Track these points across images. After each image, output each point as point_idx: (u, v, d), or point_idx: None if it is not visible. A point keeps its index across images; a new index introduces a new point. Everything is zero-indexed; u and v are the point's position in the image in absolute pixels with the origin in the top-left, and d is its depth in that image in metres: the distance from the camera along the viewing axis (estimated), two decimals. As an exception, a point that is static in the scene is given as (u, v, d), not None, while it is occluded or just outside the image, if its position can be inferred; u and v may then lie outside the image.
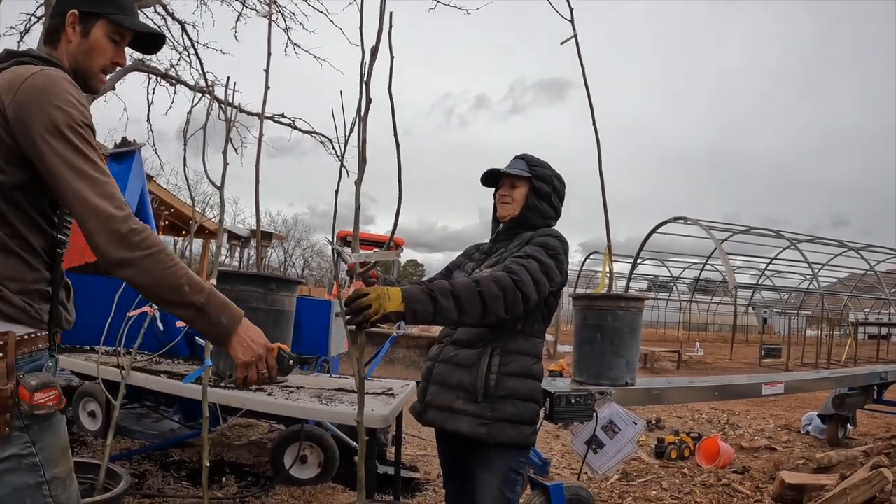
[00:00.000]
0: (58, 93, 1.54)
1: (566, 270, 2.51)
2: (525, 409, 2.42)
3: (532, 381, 2.47)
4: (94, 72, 1.76)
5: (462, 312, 2.15)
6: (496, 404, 2.38)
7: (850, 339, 23.05)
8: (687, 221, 16.78)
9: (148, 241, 1.53)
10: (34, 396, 1.54)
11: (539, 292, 2.33)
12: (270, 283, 3.56)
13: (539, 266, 2.35)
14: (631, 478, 5.51)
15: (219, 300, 1.63)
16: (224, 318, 1.63)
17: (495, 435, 2.36)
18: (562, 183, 2.75)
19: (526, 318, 2.45)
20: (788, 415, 9.37)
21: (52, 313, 1.69)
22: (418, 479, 4.99)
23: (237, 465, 4.90)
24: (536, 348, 2.53)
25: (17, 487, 1.55)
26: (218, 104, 4.68)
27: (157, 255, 1.54)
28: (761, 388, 4.86)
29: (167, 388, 3.37)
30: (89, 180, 1.51)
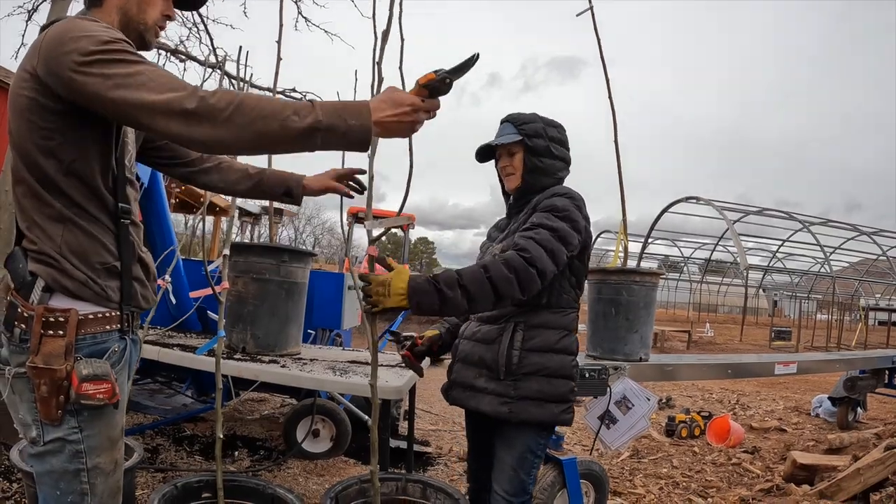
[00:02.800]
0: (73, 29, 1.44)
1: (585, 227, 2.34)
2: (552, 385, 2.31)
3: (561, 356, 2.34)
4: (149, 24, 1.68)
5: (473, 301, 2.03)
6: (520, 382, 2.29)
7: (861, 323, 22.96)
8: (699, 201, 16.67)
9: (225, 98, 1.38)
10: (83, 386, 1.47)
11: (556, 261, 2.18)
12: (283, 255, 3.53)
13: (550, 233, 2.20)
14: (642, 455, 5.51)
15: (332, 106, 1.43)
16: (352, 119, 1.43)
17: (518, 413, 2.27)
18: (557, 128, 2.52)
19: (550, 289, 2.33)
20: (798, 397, 9.34)
21: (123, 290, 1.61)
22: (430, 453, 5.01)
23: (249, 439, 4.93)
24: (565, 320, 2.39)
25: (55, 470, 1.51)
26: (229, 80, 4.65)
27: (242, 105, 1.38)
28: (774, 367, 4.84)
29: (180, 361, 3.37)
30: (138, 86, 1.38)
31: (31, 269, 1.50)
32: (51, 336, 1.47)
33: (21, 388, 1.49)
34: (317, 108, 1.40)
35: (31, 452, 1.54)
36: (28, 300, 1.48)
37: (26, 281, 1.50)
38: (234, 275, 3.49)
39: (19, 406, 1.52)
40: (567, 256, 2.25)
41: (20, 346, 1.48)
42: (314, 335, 5.00)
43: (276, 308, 3.54)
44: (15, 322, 1.48)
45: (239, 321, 3.56)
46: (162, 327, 4.34)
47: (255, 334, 3.52)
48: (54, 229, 1.50)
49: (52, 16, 4.50)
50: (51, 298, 1.50)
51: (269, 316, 3.52)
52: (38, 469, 1.53)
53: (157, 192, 4.24)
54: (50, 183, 1.49)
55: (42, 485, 1.53)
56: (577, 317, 2.48)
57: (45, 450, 1.50)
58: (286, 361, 3.43)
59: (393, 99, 1.48)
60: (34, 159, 1.49)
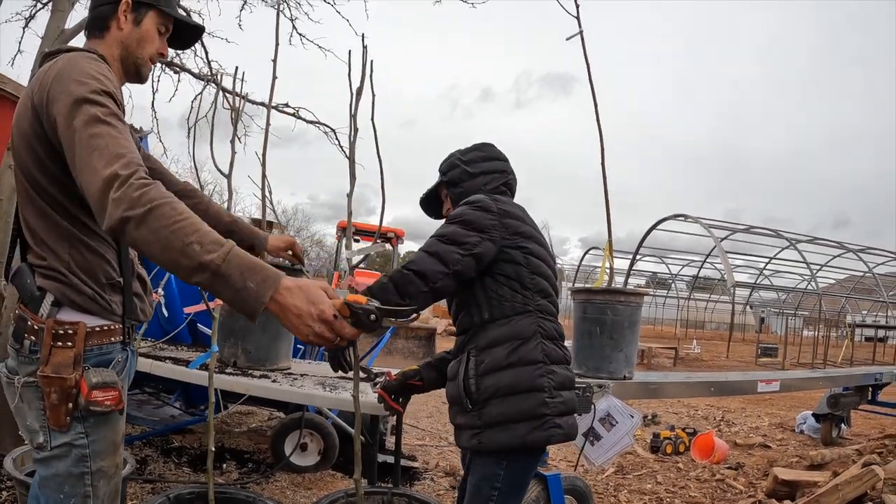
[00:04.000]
0: (74, 70, 1.54)
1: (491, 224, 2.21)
2: (510, 404, 2.16)
3: (513, 370, 2.18)
4: (144, 59, 1.81)
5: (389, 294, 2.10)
6: (483, 409, 2.18)
7: (847, 340, 23.12)
8: (687, 219, 16.81)
9: (151, 194, 1.33)
10: (92, 393, 1.55)
11: (442, 260, 2.14)
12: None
13: (435, 239, 2.20)
14: (626, 471, 5.58)
15: (243, 259, 1.32)
16: (251, 281, 1.30)
17: (487, 443, 2.17)
18: (475, 149, 2.53)
19: (489, 302, 2.25)
20: (783, 413, 9.43)
21: (125, 305, 1.71)
22: (417, 468, 5.06)
23: (237, 452, 4.96)
24: (513, 329, 2.22)
25: (60, 474, 1.58)
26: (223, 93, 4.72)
27: (161, 207, 1.31)
28: (756, 385, 4.92)
29: (172, 374, 3.41)
30: (97, 151, 1.39)
31: (39, 285, 1.60)
32: (60, 347, 1.56)
33: (30, 396, 1.57)
34: (225, 252, 1.31)
35: (37, 457, 1.61)
36: (37, 314, 1.57)
37: (35, 296, 1.59)
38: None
39: (27, 413, 1.59)
40: (464, 255, 2.16)
41: (29, 357, 1.57)
42: (303, 350, 5.05)
43: (266, 323, 3.59)
44: (25, 334, 1.57)
45: (230, 336, 3.61)
46: (153, 339, 4.38)
47: (247, 349, 3.58)
48: (62, 247, 1.59)
49: (51, 26, 4.54)
50: (59, 312, 1.59)
51: (260, 331, 3.58)
52: (43, 473, 1.60)
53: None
54: (57, 204, 1.59)
55: (46, 489, 1.60)
56: (537, 320, 2.25)
57: (52, 454, 1.57)
58: (277, 376, 3.48)
59: (310, 295, 1.34)
60: (40, 184, 1.59)
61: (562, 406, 2.20)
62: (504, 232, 2.24)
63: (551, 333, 2.28)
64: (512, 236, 2.25)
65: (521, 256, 2.25)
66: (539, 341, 2.22)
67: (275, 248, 2.49)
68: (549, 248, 2.45)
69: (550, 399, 2.17)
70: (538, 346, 2.21)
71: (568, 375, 2.29)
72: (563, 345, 2.35)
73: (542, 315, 2.28)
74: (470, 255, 2.17)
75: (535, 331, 2.23)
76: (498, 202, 2.29)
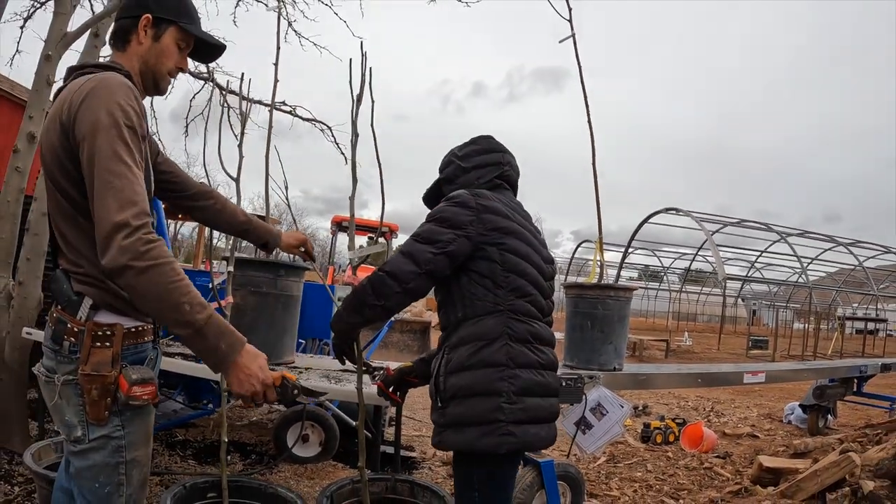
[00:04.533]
0: (105, 96, 1.61)
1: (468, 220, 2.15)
2: (467, 406, 2.09)
3: (473, 372, 2.11)
4: (163, 73, 1.89)
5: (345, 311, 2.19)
6: (446, 409, 2.14)
7: (837, 333, 23.37)
8: (679, 212, 16.95)
9: (155, 252, 1.52)
10: (132, 389, 1.68)
11: (415, 260, 2.10)
12: (280, 269, 3.73)
13: (412, 239, 2.18)
14: (618, 460, 5.74)
15: (220, 324, 1.59)
16: (223, 343, 1.59)
17: (443, 442, 2.15)
18: (469, 143, 2.51)
19: (462, 300, 2.19)
20: (772, 405, 9.61)
21: None
22: (415, 457, 5.21)
23: (240, 444, 5.10)
24: (481, 329, 2.14)
25: (97, 464, 1.71)
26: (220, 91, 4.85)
27: (163, 266, 1.52)
28: (743, 376, 5.06)
29: (183, 370, 3.54)
30: (113, 190, 1.53)
31: (76, 290, 1.72)
32: (99, 347, 1.69)
33: (68, 393, 1.70)
34: (208, 315, 1.57)
35: (74, 450, 1.73)
36: (76, 316, 1.70)
37: (72, 300, 1.71)
38: (233, 288, 3.69)
39: (66, 409, 1.71)
40: (437, 253, 2.12)
41: (69, 357, 1.69)
42: (304, 344, 5.18)
43: (272, 319, 3.73)
44: (65, 336, 1.69)
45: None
46: (161, 336, 4.51)
47: (253, 344, 3.71)
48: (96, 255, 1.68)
49: (54, 29, 4.59)
50: (97, 315, 1.71)
51: (266, 327, 3.71)
52: (79, 465, 1.72)
53: (156, 210, 4.42)
54: (88, 214, 1.67)
55: (81, 479, 1.73)
56: (507, 321, 2.16)
57: (90, 447, 1.70)
58: (282, 370, 3.62)
59: (260, 362, 1.66)
60: (70, 194, 1.70)
61: (521, 413, 2.08)
62: (481, 228, 2.16)
63: (522, 335, 2.17)
64: (489, 232, 2.17)
65: (496, 254, 2.17)
66: (505, 343, 2.13)
67: (287, 246, 2.63)
68: (543, 246, 2.39)
69: (508, 405, 2.07)
70: (503, 349, 2.12)
71: (537, 381, 2.16)
72: (540, 348, 2.23)
73: (515, 316, 2.17)
74: (443, 253, 2.12)
75: (501, 332, 2.13)
76: (478, 197, 2.21)
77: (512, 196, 2.47)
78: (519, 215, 2.33)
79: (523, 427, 2.09)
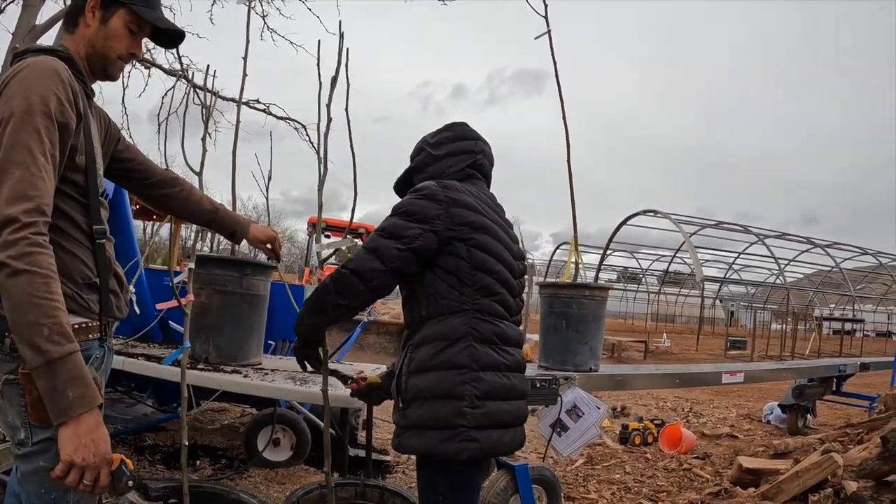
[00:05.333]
0: (30, 82, 1.52)
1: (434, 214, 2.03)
2: (427, 409, 1.99)
3: (435, 374, 2.01)
4: (111, 59, 1.77)
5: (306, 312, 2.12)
6: (407, 410, 2.04)
7: (815, 333, 23.56)
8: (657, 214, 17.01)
9: (37, 258, 1.38)
10: None
11: (380, 257, 1.99)
12: (246, 268, 3.63)
13: (376, 233, 2.06)
14: (595, 462, 5.67)
15: (78, 368, 1.41)
16: (72, 393, 1.39)
17: (403, 444, 2.04)
18: (436, 133, 2.38)
19: (427, 297, 2.08)
20: (751, 405, 9.60)
21: (101, 302, 1.72)
22: (388, 461, 5.11)
23: (211, 449, 4.97)
24: (444, 328, 2.04)
25: (42, 468, 1.58)
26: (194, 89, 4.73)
27: (38, 276, 1.38)
28: (721, 376, 5.05)
29: (145, 371, 3.43)
30: (10, 180, 1.43)
31: None
32: None
33: (10, 394, 1.58)
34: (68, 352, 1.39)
35: (18, 453, 1.62)
36: None
37: None
38: (197, 286, 3.57)
39: (9, 411, 1.60)
40: (403, 249, 2.01)
41: (10, 356, 1.56)
42: (274, 346, 5.08)
43: (238, 319, 3.62)
44: (5, 333, 1.56)
45: (202, 332, 3.64)
46: (125, 337, 4.39)
47: (218, 345, 3.61)
48: None
49: (22, 23, 4.50)
50: None
51: (231, 327, 3.61)
52: (24, 469, 1.61)
53: (122, 203, 4.28)
54: None
55: (28, 483, 1.62)
56: (471, 321, 2.05)
57: (34, 450, 1.58)
58: (248, 371, 3.52)
59: (104, 436, 1.45)
60: None
61: (483, 418, 1.98)
62: (449, 222, 2.04)
63: (487, 336, 2.06)
64: (457, 226, 2.05)
65: (463, 249, 2.05)
66: (469, 344, 2.02)
67: (255, 240, 2.48)
68: (515, 241, 2.29)
69: (470, 409, 1.97)
70: (466, 350, 2.01)
71: (502, 384, 2.06)
72: (506, 349, 2.13)
73: (480, 315, 2.07)
74: (409, 249, 2.00)
75: (465, 332, 2.03)
76: (447, 189, 2.09)
77: (484, 186, 2.36)
78: (490, 209, 2.22)
79: (486, 432, 1.99)
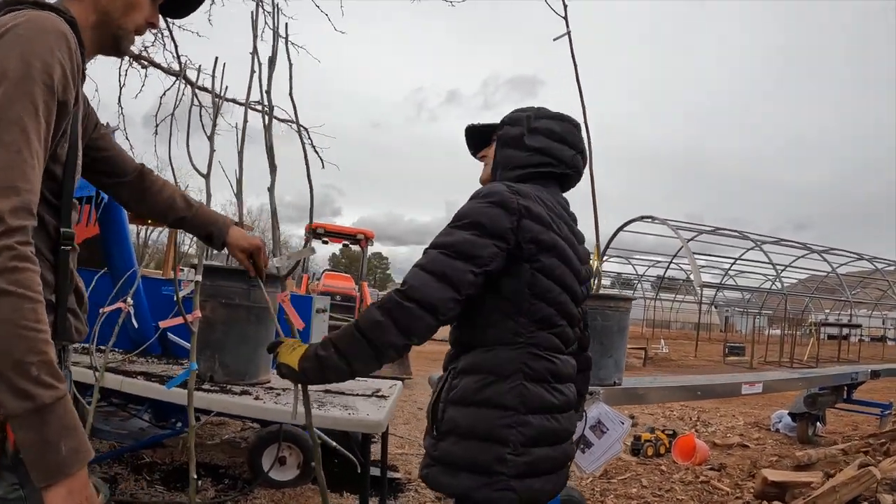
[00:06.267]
0: (31, 43, 1.21)
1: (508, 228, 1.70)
2: (464, 448, 1.74)
3: (477, 410, 1.74)
4: (128, 29, 1.49)
5: (349, 358, 1.68)
6: (440, 441, 1.79)
7: (813, 338, 23.53)
8: (654, 220, 16.95)
9: (23, 277, 1.11)
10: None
11: (453, 283, 1.66)
12: (253, 279, 3.42)
13: (439, 252, 1.70)
14: (611, 476, 5.50)
15: (71, 417, 1.14)
16: (66, 444, 1.12)
17: (431, 479, 1.81)
18: (556, 119, 1.98)
19: (476, 320, 1.81)
20: (757, 412, 9.50)
21: (57, 325, 1.36)
22: (400, 479, 4.92)
23: (212, 467, 4.77)
24: (494, 362, 1.76)
25: None
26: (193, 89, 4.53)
27: (23, 300, 1.10)
28: (741, 387, 4.93)
29: (146, 393, 3.22)
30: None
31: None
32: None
33: None
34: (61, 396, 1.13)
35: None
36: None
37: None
38: (201, 299, 3.37)
39: None
40: (478, 273, 1.68)
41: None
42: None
43: (245, 335, 3.42)
44: None
45: (206, 348, 3.41)
46: (121, 350, 4.19)
47: (224, 362, 3.39)
48: None
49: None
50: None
51: (238, 343, 3.40)
52: None
53: (118, 207, 4.05)
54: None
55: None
56: (525, 356, 1.77)
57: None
58: (258, 392, 3.31)
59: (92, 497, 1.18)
60: None
61: (525, 467, 1.73)
62: (518, 237, 1.72)
63: (539, 375, 1.79)
64: (526, 244, 1.73)
65: (527, 273, 1.75)
66: (519, 383, 1.75)
67: (235, 246, 2.05)
68: (584, 260, 1.97)
69: (513, 456, 1.71)
70: (515, 389, 1.74)
71: (550, 428, 1.80)
72: (558, 387, 1.85)
73: (536, 350, 1.79)
74: (484, 273, 1.69)
75: (516, 369, 1.76)
76: (520, 196, 1.75)
77: (558, 192, 2.02)
78: (563, 222, 1.89)
79: (527, 482, 1.74)
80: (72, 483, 1.13)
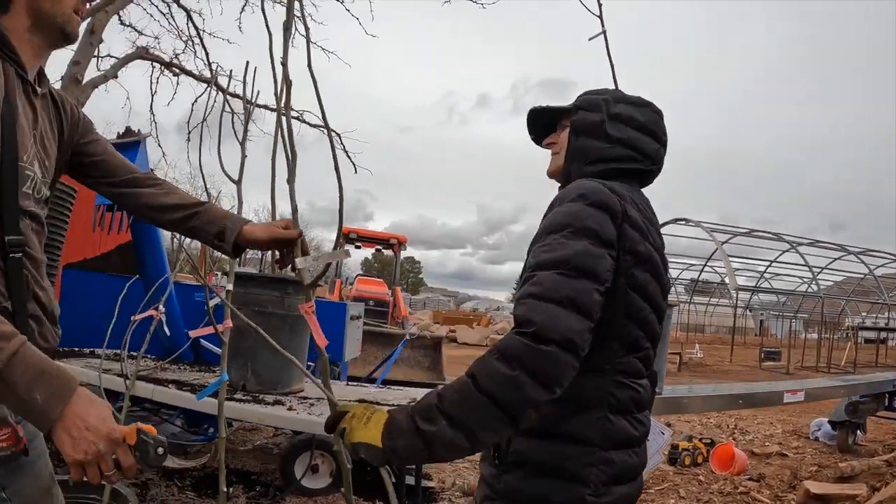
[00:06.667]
0: None
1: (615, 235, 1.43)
2: (538, 487, 1.48)
3: (554, 444, 1.48)
4: (66, 13, 1.45)
5: (468, 430, 1.30)
6: (504, 475, 1.53)
7: (850, 343, 23.06)
8: (688, 223, 16.72)
9: None
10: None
11: (584, 310, 1.34)
12: (287, 287, 3.39)
13: (556, 273, 1.37)
14: (648, 486, 5.39)
15: (34, 363, 1.13)
16: (40, 394, 1.11)
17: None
18: (637, 105, 1.69)
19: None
20: (795, 420, 9.28)
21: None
22: (433, 488, 4.86)
23: (243, 473, 4.76)
24: (578, 388, 1.39)
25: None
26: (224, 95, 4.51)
27: None
28: (783, 395, 4.82)
29: (177, 402, 3.20)
30: None
31: None
32: None
33: None
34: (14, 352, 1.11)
35: None
36: None
37: None
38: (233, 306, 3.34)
39: None
40: (602, 292, 1.39)
41: None
42: (313, 367, 4.85)
43: (278, 343, 3.37)
44: None
45: (238, 356, 3.39)
46: (154, 356, 4.18)
47: (256, 371, 3.36)
48: None
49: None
50: None
51: (270, 352, 3.36)
52: None
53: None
54: None
55: None
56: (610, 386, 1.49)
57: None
58: (291, 402, 3.26)
59: (102, 414, 1.16)
60: None
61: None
62: (620, 246, 1.46)
63: (625, 405, 1.52)
64: (625, 255, 1.46)
65: (622, 288, 1.47)
66: (603, 415, 1.49)
67: (253, 241, 1.77)
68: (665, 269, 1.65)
69: (594, 497, 1.46)
70: (599, 422, 1.49)
71: (630, 464, 1.54)
72: (639, 417, 1.58)
73: (623, 377, 1.52)
74: (606, 290, 1.40)
75: (601, 399, 1.49)
76: (620, 197, 1.49)
77: (638, 188, 1.71)
78: (653, 227, 1.62)
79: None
80: (64, 423, 1.13)
